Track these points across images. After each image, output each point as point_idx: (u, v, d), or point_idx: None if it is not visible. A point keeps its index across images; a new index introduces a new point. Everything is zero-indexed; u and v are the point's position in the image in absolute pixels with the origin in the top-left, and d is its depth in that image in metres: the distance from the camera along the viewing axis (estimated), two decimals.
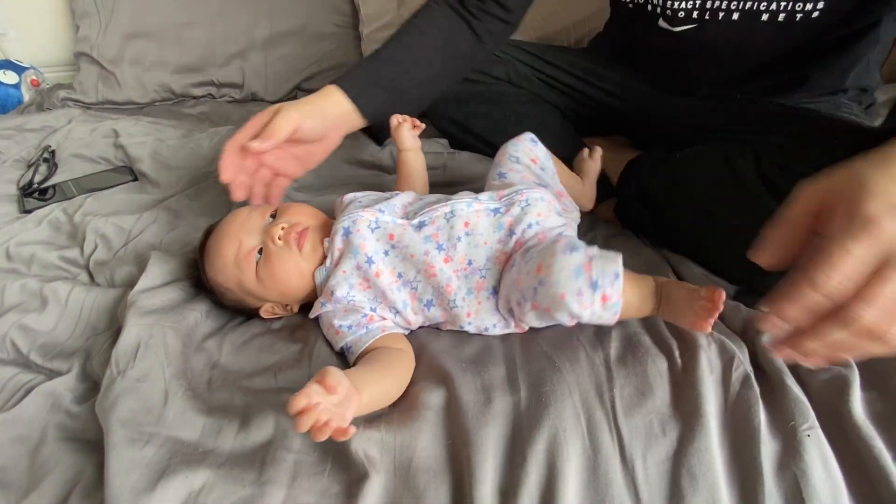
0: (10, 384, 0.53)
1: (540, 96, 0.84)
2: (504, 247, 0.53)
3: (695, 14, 0.67)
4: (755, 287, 0.61)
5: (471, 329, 0.55)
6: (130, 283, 0.64)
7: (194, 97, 1.17)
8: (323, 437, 0.39)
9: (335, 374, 0.42)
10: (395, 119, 0.68)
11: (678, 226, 0.66)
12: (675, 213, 0.66)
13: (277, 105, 0.61)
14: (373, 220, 0.56)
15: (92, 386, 0.53)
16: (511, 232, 0.54)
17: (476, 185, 0.80)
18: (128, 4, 1.16)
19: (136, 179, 0.89)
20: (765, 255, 0.35)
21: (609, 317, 0.47)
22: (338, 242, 0.55)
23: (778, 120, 0.66)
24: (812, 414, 0.44)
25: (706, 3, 0.65)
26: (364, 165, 0.87)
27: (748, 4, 0.63)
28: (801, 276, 0.30)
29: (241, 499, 0.41)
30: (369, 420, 0.47)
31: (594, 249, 0.47)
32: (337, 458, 0.44)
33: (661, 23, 0.69)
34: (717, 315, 0.46)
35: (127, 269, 0.66)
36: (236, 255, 0.55)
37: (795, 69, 0.70)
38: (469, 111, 0.80)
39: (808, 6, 0.61)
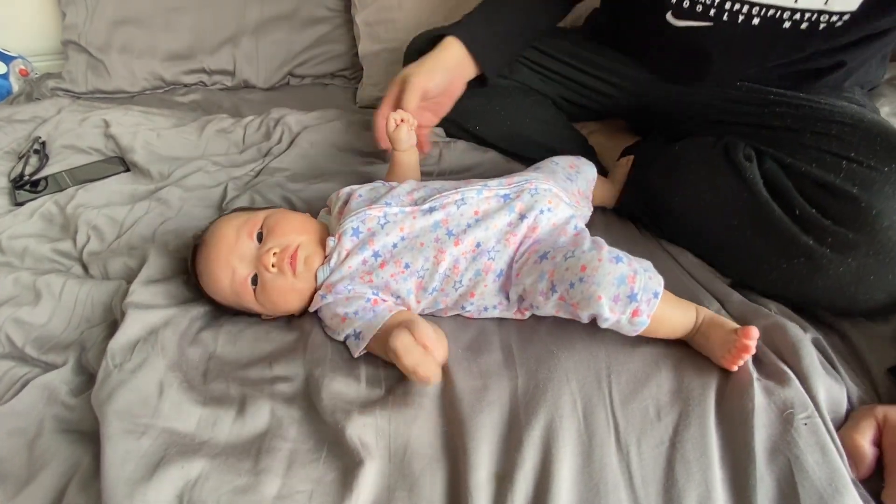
0: (6, 378, 0.53)
1: (529, 86, 0.82)
2: (514, 229, 0.54)
3: (711, 12, 0.63)
4: (749, 283, 0.60)
5: (471, 309, 0.55)
6: (124, 275, 0.64)
7: (185, 85, 1.15)
8: (424, 373, 0.43)
9: (422, 323, 0.45)
10: (394, 121, 0.66)
11: (675, 217, 0.66)
12: (672, 204, 0.66)
13: (404, 73, 0.71)
14: (381, 216, 0.55)
15: (87, 378, 0.53)
16: (522, 216, 0.54)
17: (472, 174, 0.80)
18: None
19: (128, 170, 0.88)
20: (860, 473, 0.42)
21: (630, 330, 0.48)
22: (346, 243, 0.54)
23: (778, 111, 0.64)
24: (811, 406, 0.44)
25: (725, 4, 0.62)
26: (358, 153, 0.86)
27: (771, 12, 0.60)
28: None
29: (237, 488, 0.41)
30: (364, 406, 0.47)
31: (638, 263, 0.48)
32: (332, 445, 0.44)
33: (670, 17, 0.66)
34: (748, 357, 0.47)
35: (120, 261, 0.65)
36: (231, 282, 0.55)
37: (807, 65, 0.68)
38: (458, 107, 0.79)
39: (834, 18, 0.58)
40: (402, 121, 0.66)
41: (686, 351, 0.51)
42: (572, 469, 0.42)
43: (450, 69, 0.72)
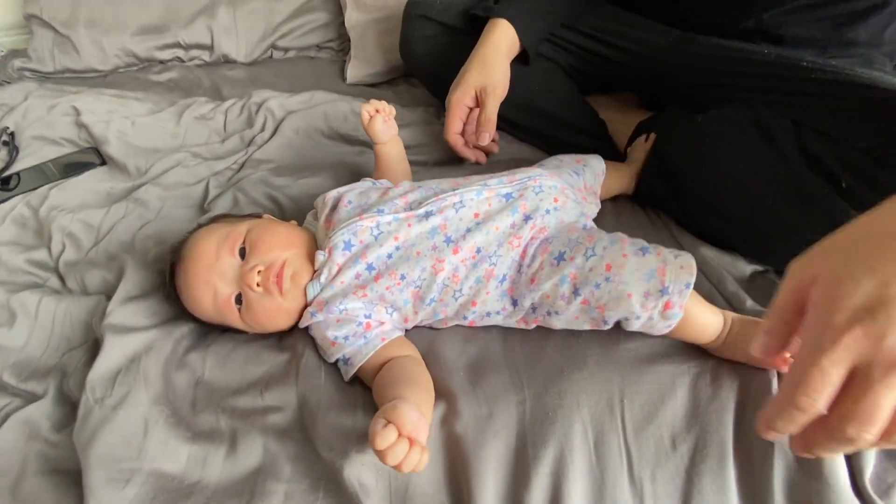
0: None
1: (541, 54, 0.76)
2: (517, 231, 0.50)
3: None
4: (776, 263, 0.57)
5: (472, 317, 0.52)
6: (103, 290, 0.60)
7: (161, 62, 1.07)
8: (409, 469, 0.38)
9: (406, 413, 0.38)
10: (367, 113, 0.61)
11: (700, 194, 0.61)
12: (699, 181, 0.61)
13: (479, 82, 0.68)
14: (373, 227, 0.51)
15: (70, 410, 0.50)
16: (527, 217, 0.51)
17: (468, 163, 0.74)
18: None
19: (104, 163, 0.82)
20: (758, 347, 0.34)
21: (663, 326, 0.45)
22: (338, 258, 0.50)
23: (813, 77, 0.58)
24: None
25: None
26: (346, 141, 0.80)
27: None
28: (785, 396, 0.29)
29: None
30: (362, 439, 0.44)
31: (666, 253, 0.45)
32: (329, 484, 0.42)
33: None
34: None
35: (99, 274, 0.61)
36: (214, 301, 0.51)
37: (847, 6, 0.63)
38: None
39: None
40: (376, 111, 0.61)
41: (702, 367, 0.48)
42: None
43: (510, 57, 0.72)
